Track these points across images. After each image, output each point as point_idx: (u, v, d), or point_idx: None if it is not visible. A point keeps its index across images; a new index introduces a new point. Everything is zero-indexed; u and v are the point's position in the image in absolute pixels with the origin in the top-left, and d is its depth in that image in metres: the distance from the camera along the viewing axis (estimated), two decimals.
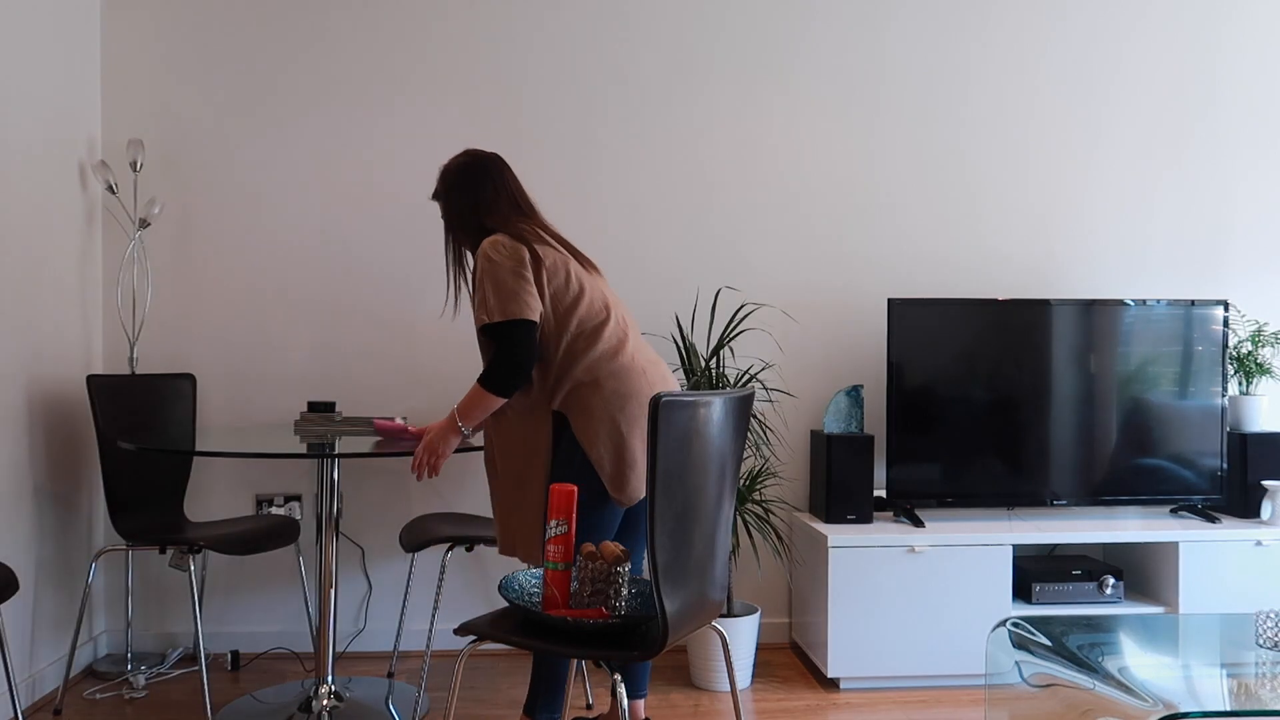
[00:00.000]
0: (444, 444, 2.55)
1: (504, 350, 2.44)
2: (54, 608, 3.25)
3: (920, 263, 3.85)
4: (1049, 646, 2.30)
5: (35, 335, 3.15)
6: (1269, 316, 3.97)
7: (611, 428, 2.46)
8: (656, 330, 3.76)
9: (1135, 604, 3.49)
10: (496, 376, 2.45)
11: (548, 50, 3.73)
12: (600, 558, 2.18)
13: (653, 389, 2.52)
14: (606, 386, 2.48)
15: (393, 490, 3.70)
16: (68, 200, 3.37)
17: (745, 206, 3.80)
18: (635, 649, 2.03)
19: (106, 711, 3.08)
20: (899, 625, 3.29)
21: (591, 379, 2.48)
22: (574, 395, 2.48)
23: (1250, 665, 2.18)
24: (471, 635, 2.16)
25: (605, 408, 2.46)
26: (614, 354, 2.51)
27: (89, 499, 3.48)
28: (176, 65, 3.63)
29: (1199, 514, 3.61)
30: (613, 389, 2.48)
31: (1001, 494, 3.53)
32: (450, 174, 2.66)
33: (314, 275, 3.67)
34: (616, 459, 2.47)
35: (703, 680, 3.35)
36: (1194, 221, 3.94)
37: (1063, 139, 3.89)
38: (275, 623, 3.67)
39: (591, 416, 2.46)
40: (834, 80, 3.82)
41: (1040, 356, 3.54)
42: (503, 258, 2.46)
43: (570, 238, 3.73)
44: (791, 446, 3.81)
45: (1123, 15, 3.90)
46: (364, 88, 3.68)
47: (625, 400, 2.48)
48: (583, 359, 2.48)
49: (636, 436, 2.48)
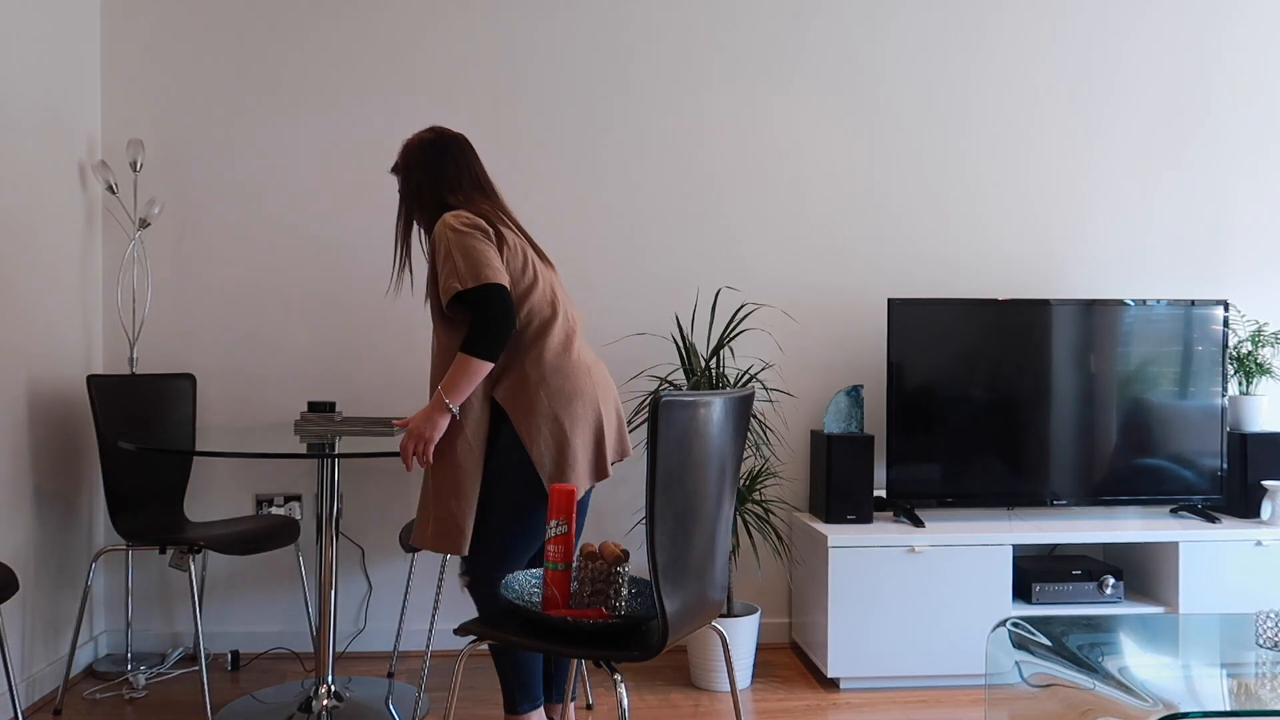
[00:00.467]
0: (432, 426, 2.44)
1: (482, 314, 2.38)
2: (54, 608, 3.25)
3: (920, 263, 3.85)
4: (1049, 646, 2.30)
5: (35, 335, 3.15)
6: (1269, 316, 3.97)
7: (554, 426, 2.43)
8: (656, 330, 3.76)
9: (1135, 604, 3.49)
10: (482, 340, 2.38)
11: (549, 51, 3.73)
12: (600, 558, 2.18)
13: (596, 389, 2.51)
14: (552, 383, 2.45)
15: (393, 490, 3.70)
16: (68, 200, 3.37)
17: (745, 206, 3.80)
18: (635, 649, 2.03)
19: (106, 711, 3.08)
20: (899, 625, 3.29)
21: (538, 374, 2.45)
22: (517, 389, 2.45)
23: (1250, 665, 2.18)
24: (471, 635, 2.16)
25: (549, 405, 2.44)
26: (561, 350, 2.48)
27: (89, 499, 3.48)
28: (176, 65, 3.63)
29: (1199, 514, 3.61)
30: (558, 386, 2.45)
31: (1001, 494, 3.53)
32: (413, 149, 2.61)
33: (314, 275, 3.67)
34: (558, 457, 2.44)
35: (703, 680, 3.35)
36: (1194, 222, 3.94)
37: (1063, 139, 3.89)
38: (275, 623, 3.67)
39: (535, 413, 2.43)
40: (834, 80, 3.82)
41: (1040, 356, 3.54)
42: (469, 228, 2.43)
43: (571, 238, 3.74)
44: (791, 446, 3.81)
45: (1123, 16, 3.90)
46: (364, 88, 3.68)
47: (570, 399, 2.45)
48: (530, 352, 2.46)
49: (579, 436, 2.46)
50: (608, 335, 3.75)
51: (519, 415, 2.44)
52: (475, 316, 2.39)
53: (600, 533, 3.75)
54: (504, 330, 2.39)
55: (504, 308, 2.39)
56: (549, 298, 2.51)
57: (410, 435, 2.45)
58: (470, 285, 2.38)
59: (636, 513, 3.76)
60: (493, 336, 2.38)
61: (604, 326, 3.75)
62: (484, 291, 2.38)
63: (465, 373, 2.40)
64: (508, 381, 2.46)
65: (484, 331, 2.38)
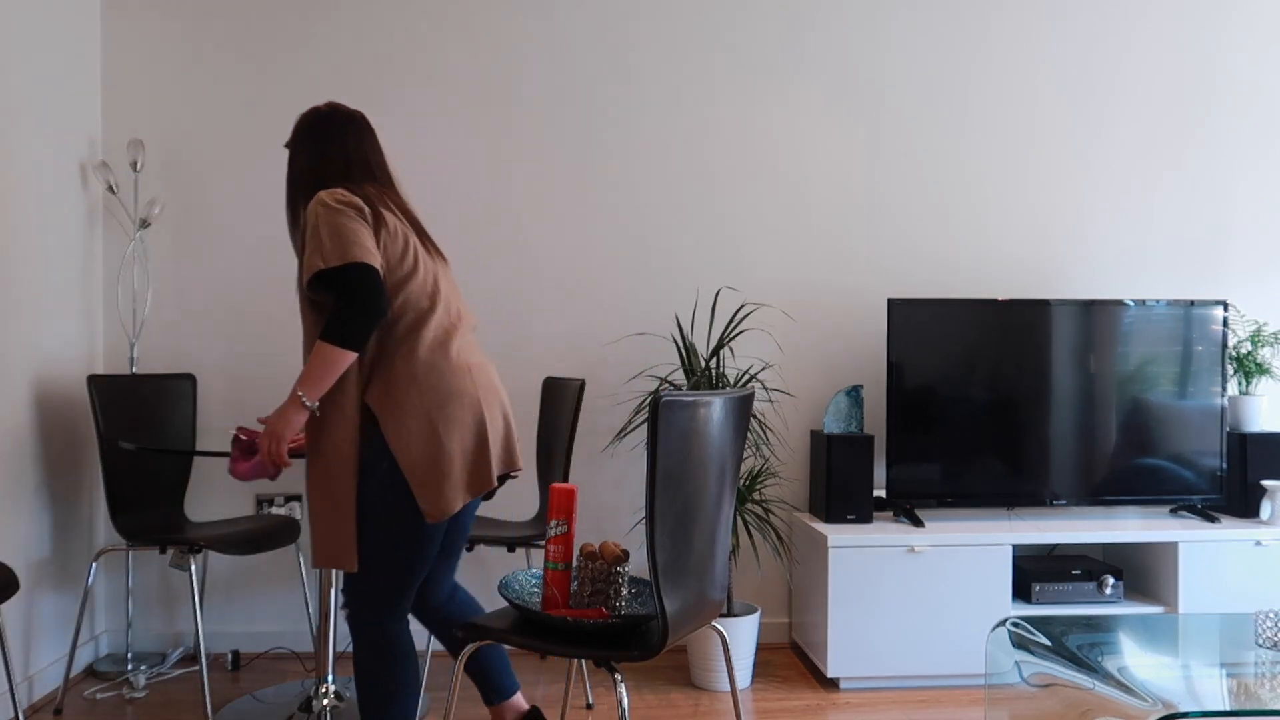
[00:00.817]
0: (285, 425, 2.17)
1: (346, 296, 2.12)
2: (54, 608, 3.25)
3: (920, 263, 3.85)
4: (1049, 646, 2.30)
5: (36, 335, 3.15)
6: (1268, 316, 3.97)
7: (426, 428, 2.18)
8: (656, 330, 3.76)
9: (1135, 604, 3.49)
10: (343, 326, 2.12)
11: (549, 51, 3.73)
12: (600, 558, 2.19)
13: (479, 391, 2.25)
14: (424, 381, 2.19)
15: None
16: (68, 200, 3.37)
17: (745, 206, 3.80)
18: (635, 649, 2.03)
19: (106, 711, 3.08)
20: (899, 625, 3.30)
21: (409, 371, 2.19)
22: (387, 388, 2.19)
23: (1250, 665, 2.18)
24: (471, 635, 2.16)
25: (421, 405, 2.18)
26: (437, 345, 2.23)
27: (89, 499, 3.48)
28: (176, 65, 3.63)
29: (1199, 514, 3.61)
30: (431, 385, 2.20)
31: (1001, 494, 3.53)
32: (302, 125, 2.36)
33: None
34: (429, 465, 2.17)
35: (703, 680, 3.35)
36: (1193, 222, 3.94)
37: (1063, 140, 3.89)
38: (275, 623, 3.67)
39: (405, 414, 2.18)
40: (834, 80, 3.82)
41: (1040, 357, 3.54)
42: (341, 205, 2.18)
43: (572, 238, 3.74)
44: (791, 446, 3.81)
45: (1123, 16, 3.91)
46: (364, 88, 3.68)
47: (446, 399, 2.20)
48: (402, 347, 2.21)
49: (455, 441, 2.20)
50: (608, 335, 3.75)
51: (387, 416, 2.18)
52: (340, 298, 2.13)
53: (600, 533, 3.75)
54: (369, 316, 2.12)
55: (371, 291, 2.12)
56: (429, 289, 2.26)
57: (264, 435, 2.19)
58: (335, 264, 2.12)
59: (636, 513, 3.77)
60: (356, 322, 2.12)
61: (604, 326, 3.75)
62: (349, 271, 2.12)
63: (323, 363, 2.13)
64: (378, 380, 2.20)
65: (346, 316, 2.12)
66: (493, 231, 3.72)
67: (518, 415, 3.72)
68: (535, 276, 3.73)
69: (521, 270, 3.73)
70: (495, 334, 3.72)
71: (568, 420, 3.14)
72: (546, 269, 3.74)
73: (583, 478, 3.74)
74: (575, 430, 3.17)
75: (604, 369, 3.75)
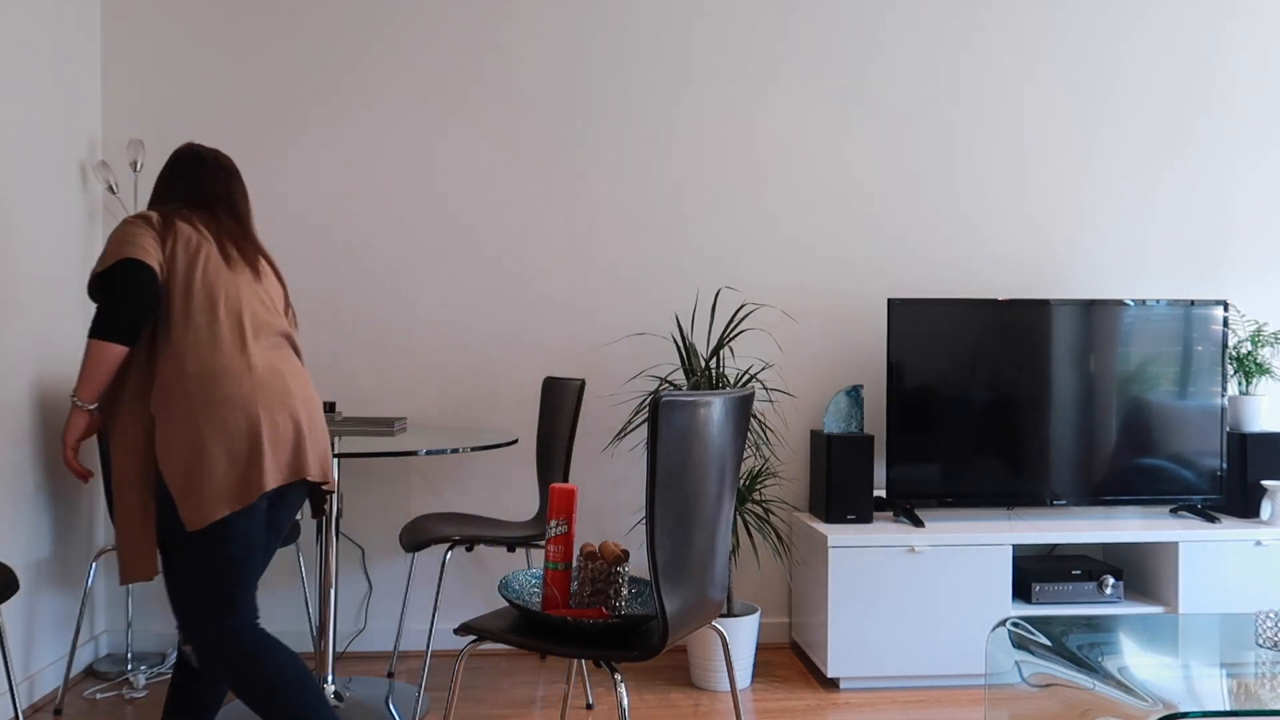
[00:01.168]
0: (66, 429, 2.20)
1: (111, 289, 2.14)
2: (54, 608, 3.25)
3: (920, 263, 3.85)
4: (1049, 646, 2.30)
5: (36, 335, 3.15)
6: (1269, 316, 3.97)
7: (190, 434, 2.13)
8: (656, 330, 3.76)
9: (1135, 604, 3.49)
10: (105, 319, 2.11)
11: (546, 52, 3.73)
12: (600, 558, 2.19)
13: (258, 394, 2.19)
14: (194, 385, 2.15)
15: (393, 490, 3.70)
16: (68, 200, 3.37)
17: (745, 207, 3.80)
18: (635, 649, 2.03)
19: (106, 711, 3.08)
20: (899, 625, 3.30)
21: (179, 374, 2.16)
22: (160, 392, 2.17)
23: (1250, 665, 2.18)
24: (471, 635, 2.16)
25: (188, 411, 2.14)
26: (213, 349, 2.19)
27: (89, 499, 3.48)
28: (176, 65, 3.63)
29: (1199, 514, 3.61)
30: (200, 389, 2.15)
31: (1001, 494, 3.53)
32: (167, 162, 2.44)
33: (314, 275, 3.67)
34: (188, 471, 2.13)
35: (703, 680, 3.35)
36: (1194, 222, 3.94)
37: (1063, 139, 3.89)
38: (275, 623, 3.67)
39: (174, 421, 2.14)
40: (834, 80, 3.82)
41: (1040, 357, 3.54)
42: (134, 219, 2.23)
43: (571, 239, 3.74)
44: (791, 446, 3.81)
45: (1122, 15, 3.91)
46: (363, 89, 3.68)
47: (216, 405, 2.15)
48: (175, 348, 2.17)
49: (218, 446, 2.14)
50: (608, 335, 3.75)
51: (160, 424, 2.15)
52: (108, 292, 2.14)
53: (600, 533, 3.75)
54: (132, 306, 2.12)
55: (137, 284, 2.13)
56: (217, 296, 2.22)
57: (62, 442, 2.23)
58: (108, 265, 2.15)
59: (636, 513, 3.77)
60: (119, 313, 2.11)
61: (604, 326, 3.75)
62: (117, 267, 2.14)
63: (92, 360, 2.13)
64: (157, 387, 2.17)
65: (110, 308, 2.12)
66: (493, 232, 3.72)
67: (518, 415, 3.72)
68: (535, 276, 3.73)
69: (521, 270, 3.73)
70: (495, 334, 3.72)
71: (567, 420, 3.14)
72: (546, 269, 3.74)
73: (583, 478, 3.74)
74: (575, 430, 3.17)
75: (604, 369, 3.75)
